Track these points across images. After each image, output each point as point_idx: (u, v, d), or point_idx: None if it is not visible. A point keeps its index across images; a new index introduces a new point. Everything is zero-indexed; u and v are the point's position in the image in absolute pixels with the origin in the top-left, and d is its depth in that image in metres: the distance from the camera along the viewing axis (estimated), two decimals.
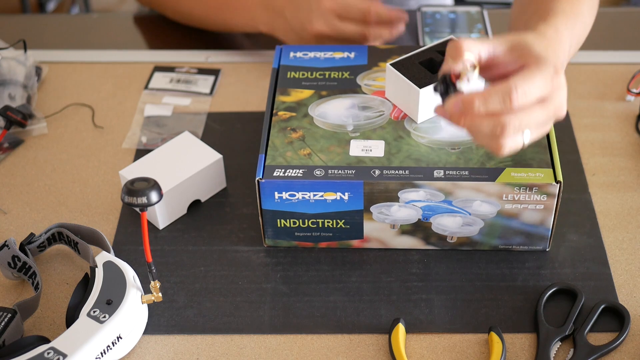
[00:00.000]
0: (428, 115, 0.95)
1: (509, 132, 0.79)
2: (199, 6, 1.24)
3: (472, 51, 0.81)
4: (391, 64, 0.96)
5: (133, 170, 0.99)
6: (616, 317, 0.89)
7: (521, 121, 0.79)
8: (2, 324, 0.85)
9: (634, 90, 1.12)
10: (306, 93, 1.01)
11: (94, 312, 0.83)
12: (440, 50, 0.97)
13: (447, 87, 0.81)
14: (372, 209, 0.92)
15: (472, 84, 0.80)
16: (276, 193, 0.91)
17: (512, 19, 1.10)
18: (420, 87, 0.92)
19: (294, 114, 0.98)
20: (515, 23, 1.06)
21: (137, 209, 0.95)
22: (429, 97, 0.93)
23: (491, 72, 0.85)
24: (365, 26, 1.13)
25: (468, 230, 0.93)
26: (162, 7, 1.30)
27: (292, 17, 1.15)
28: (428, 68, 0.95)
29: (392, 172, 0.90)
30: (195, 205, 1.01)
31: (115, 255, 0.92)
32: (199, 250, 0.97)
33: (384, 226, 0.93)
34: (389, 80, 0.97)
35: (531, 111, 0.79)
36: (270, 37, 1.20)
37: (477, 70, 0.81)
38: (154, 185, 0.80)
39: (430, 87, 0.91)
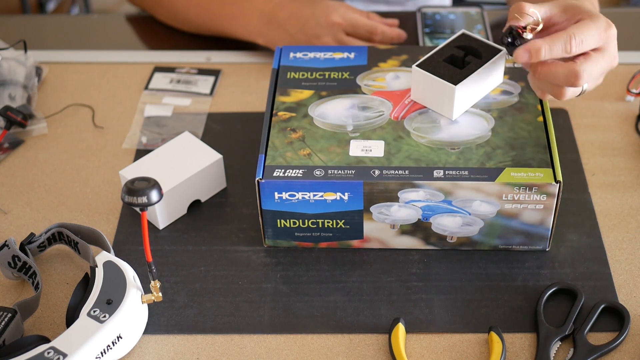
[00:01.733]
0: (462, 111, 0.96)
1: (580, 81, 0.87)
2: (195, 12, 1.24)
3: (535, 24, 0.89)
4: (417, 65, 0.96)
5: (133, 170, 0.99)
6: (616, 317, 0.89)
7: (591, 71, 0.87)
8: (2, 323, 0.85)
9: (634, 91, 1.12)
10: (306, 93, 1.01)
11: (94, 311, 0.84)
12: (457, 46, 0.98)
13: (514, 38, 0.89)
14: (372, 209, 0.92)
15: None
16: (276, 193, 0.91)
17: None
18: (455, 84, 0.93)
19: (293, 114, 0.98)
20: None
21: (137, 209, 0.95)
22: (462, 93, 0.94)
23: (548, 32, 0.91)
24: (370, 43, 1.14)
25: (468, 230, 0.93)
26: (155, 10, 1.29)
27: (296, 31, 1.15)
28: (452, 64, 0.96)
29: (392, 172, 0.90)
30: (195, 205, 1.01)
31: (116, 255, 0.92)
32: (199, 250, 0.97)
33: (384, 226, 0.93)
34: (416, 81, 0.97)
35: (597, 62, 0.88)
36: None
37: (541, 26, 0.89)
38: (154, 184, 0.80)
39: (463, 83, 0.93)
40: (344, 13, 1.16)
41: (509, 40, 0.89)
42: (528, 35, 0.88)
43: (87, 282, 0.88)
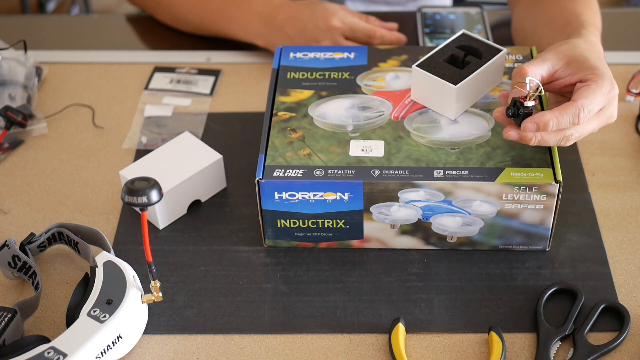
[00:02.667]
0: (462, 111, 0.96)
1: (571, 142, 0.88)
2: (194, 12, 1.23)
3: (535, 75, 0.90)
4: (417, 65, 0.96)
5: (133, 170, 0.99)
6: (616, 317, 0.89)
7: (582, 132, 0.88)
8: (2, 323, 0.85)
9: (634, 91, 1.12)
10: (306, 93, 1.01)
11: (94, 311, 0.84)
12: (458, 46, 0.98)
13: (518, 108, 0.88)
14: (372, 209, 0.92)
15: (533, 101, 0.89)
16: (276, 193, 0.91)
17: (529, 30, 1.13)
18: (455, 84, 0.93)
19: (293, 114, 0.98)
20: (539, 34, 1.09)
21: (138, 209, 0.95)
22: (462, 93, 0.94)
23: (552, 85, 0.92)
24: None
25: (468, 230, 0.93)
26: (155, 11, 1.29)
27: (295, 34, 1.15)
28: (452, 64, 0.96)
29: (392, 172, 0.90)
30: (195, 205, 1.01)
31: (116, 255, 0.92)
32: (199, 250, 0.97)
33: (384, 226, 0.93)
34: (416, 81, 0.97)
35: (590, 122, 0.88)
36: None
37: (540, 89, 0.88)
38: (154, 184, 0.80)
39: (463, 83, 0.93)
40: (343, 17, 1.16)
41: (513, 111, 0.88)
42: (529, 103, 0.87)
43: (87, 282, 0.88)
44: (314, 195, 0.91)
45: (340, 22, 1.15)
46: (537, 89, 0.88)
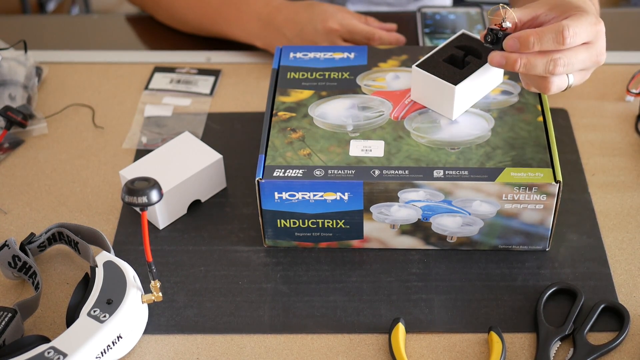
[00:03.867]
0: (462, 111, 0.96)
1: (559, 68, 0.86)
2: (194, 13, 1.23)
3: (514, 17, 0.89)
4: (417, 65, 0.96)
5: (133, 170, 0.99)
6: (616, 317, 0.89)
7: (570, 59, 0.86)
8: (3, 323, 0.85)
9: (634, 91, 1.12)
10: (306, 93, 1.01)
11: (94, 311, 0.84)
12: (457, 46, 0.98)
13: (496, 33, 0.88)
14: (372, 209, 0.92)
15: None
16: (276, 193, 0.91)
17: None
18: (455, 84, 0.93)
19: (293, 114, 0.98)
20: None
21: (138, 209, 0.95)
22: (462, 93, 0.94)
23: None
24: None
25: (468, 230, 0.93)
26: (155, 11, 1.29)
27: (293, 36, 1.15)
28: (452, 64, 0.96)
29: (392, 172, 0.90)
30: (195, 205, 1.01)
31: (116, 255, 0.92)
32: (199, 250, 0.97)
33: (384, 226, 0.93)
34: (416, 81, 0.97)
35: (578, 51, 0.87)
36: None
37: (515, 18, 0.88)
38: (154, 184, 0.80)
39: (463, 83, 0.93)
40: (341, 19, 1.15)
41: (491, 38, 0.88)
42: (506, 24, 0.87)
43: (87, 282, 0.88)
44: (314, 195, 0.91)
45: (338, 25, 1.15)
46: (511, 18, 0.87)
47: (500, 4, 0.89)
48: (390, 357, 0.86)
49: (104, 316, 0.83)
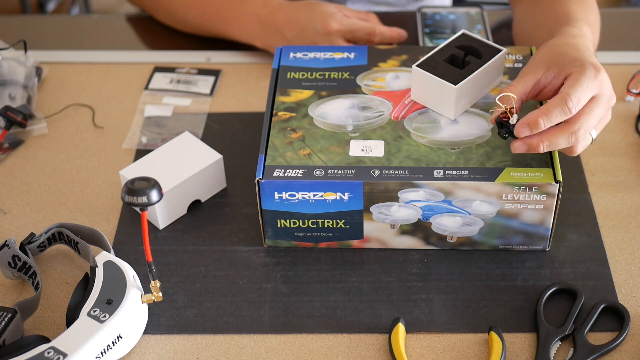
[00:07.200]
0: (462, 111, 0.96)
1: (581, 137, 0.87)
2: (193, 13, 1.23)
3: (521, 94, 0.90)
4: (417, 65, 0.96)
5: (133, 170, 0.99)
6: (616, 317, 0.89)
7: (587, 123, 0.87)
8: (3, 323, 0.85)
9: (634, 91, 1.12)
10: (306, 93, 1.01)
11: (94, 311, 0.84)
12: (458, 46, 0.98)
13: (507, 127, 0.89)
14: (372, 209, 0.92)
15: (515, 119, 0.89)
16: (276, 193, 0.91)
17: (528, 31, 1.12)
18: (455, 84, 0.93)
19: (293, 114, 0.98)
20: (535, 34, 1.09)
21: (138, 209, 0.95)
22: (462, 93, 0.94)
23: (544, 94, 0.92)
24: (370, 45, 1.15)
25: (468, 230, 0.93)
26: (155, 11, 1.29)
27: (293, 36, 1.15)
28: (452, 64, 0.96)
29: (392, 172, 0.90)
30: (195, 205, 1.01)
31: (116, 255, 0.92)
32: (199, 250, 0.97)
33: (384, 226, 0.93)
34: (416, 81, 0.97)
35: (590, 111, 0.87)
36: None
37: (515, 116, 0.89)
38: (154, 184, 0.80)
39: (463, 83, 0.94)
40: (341, 19, 1.15)
41: (505, 131, 0.89)
42: (513, 119, 0.88)
43: (87, 282, 0.88)
44: (314, 195, 0.91)
45: (339, 24, 1.14)
46: (512, 103, 0.88)
47: (504, 95, 0.88)
48: (390, 357, 0.86)
49: (104, 316, 0.83)
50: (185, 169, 0.99)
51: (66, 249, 0.98)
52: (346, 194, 0.91)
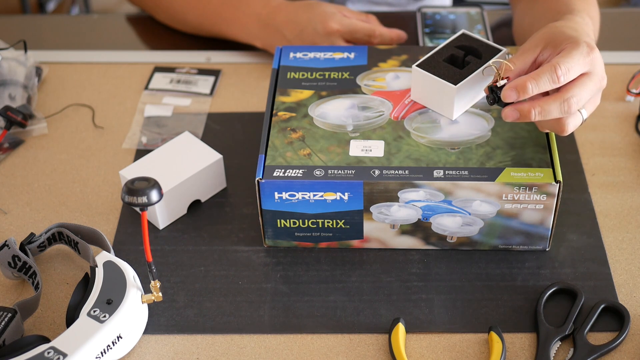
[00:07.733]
0: (462, 111, 0.96)
1: (573, 106, 0.86)
2: (193, 13, 1.23)
3: (519, 69, 0.89)
4: (417, 65, 0.96)
5: (133, 170, 0.99)
6: (616, 317, 0.89)
7: (579, 93, 0.86)
8: (2, 323, 0.85)
9: (634, 91, 1.12)
10: (306, 93, 1.01)
11: (94, 311, 0.84)
12: (457, 46, 0.98)
13: (496, 93, 0.88)
14: (372, 209, 0.92)
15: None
16: (276, 193, 0.91)
17: (527, 27, 1.12)
18: (455, 84, 0.93)
19: (293, 114, 0.98)
20: (536, 27, 1.09)
21: (138, 209, 0.95)
22: (462, 93, 0.94)
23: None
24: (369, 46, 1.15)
25: (468, 230, 0.93)
26: (155, 11, 1.29)
27: (293, 37, 1.15)
28: (452, 64, 0.96)
29: (392, 172, 0.90)
30: (195, 205, 1.01)
31: (116, 255, 0.92)
32: (199, 250, 0.97)
33: (384, 226, 0.93)
34: (416, 81, 0.97)
35: (583, 83, 0.87)
36: None
37: (504, 81, 0.89)
38: (154, 184, 0.80)
39: (463, 83, 0.93)
40: (341, 19, 1.15)
41: (493, 98, 0.88)
42: (502, 82, 0.87)
43: (87, 282, 0.88)
44: (314, 195, 0.91)
45: (338, 25, 1.14)
46: (502, 69, 0.88)
47: (499, 59, 0.89)
48: (390, 357, 0.86)
49: (104, 316, 0.83)
50: (185, 169, 0.99)
51: (66, 249, 0.98)
52: (346, 194, 0.91)
